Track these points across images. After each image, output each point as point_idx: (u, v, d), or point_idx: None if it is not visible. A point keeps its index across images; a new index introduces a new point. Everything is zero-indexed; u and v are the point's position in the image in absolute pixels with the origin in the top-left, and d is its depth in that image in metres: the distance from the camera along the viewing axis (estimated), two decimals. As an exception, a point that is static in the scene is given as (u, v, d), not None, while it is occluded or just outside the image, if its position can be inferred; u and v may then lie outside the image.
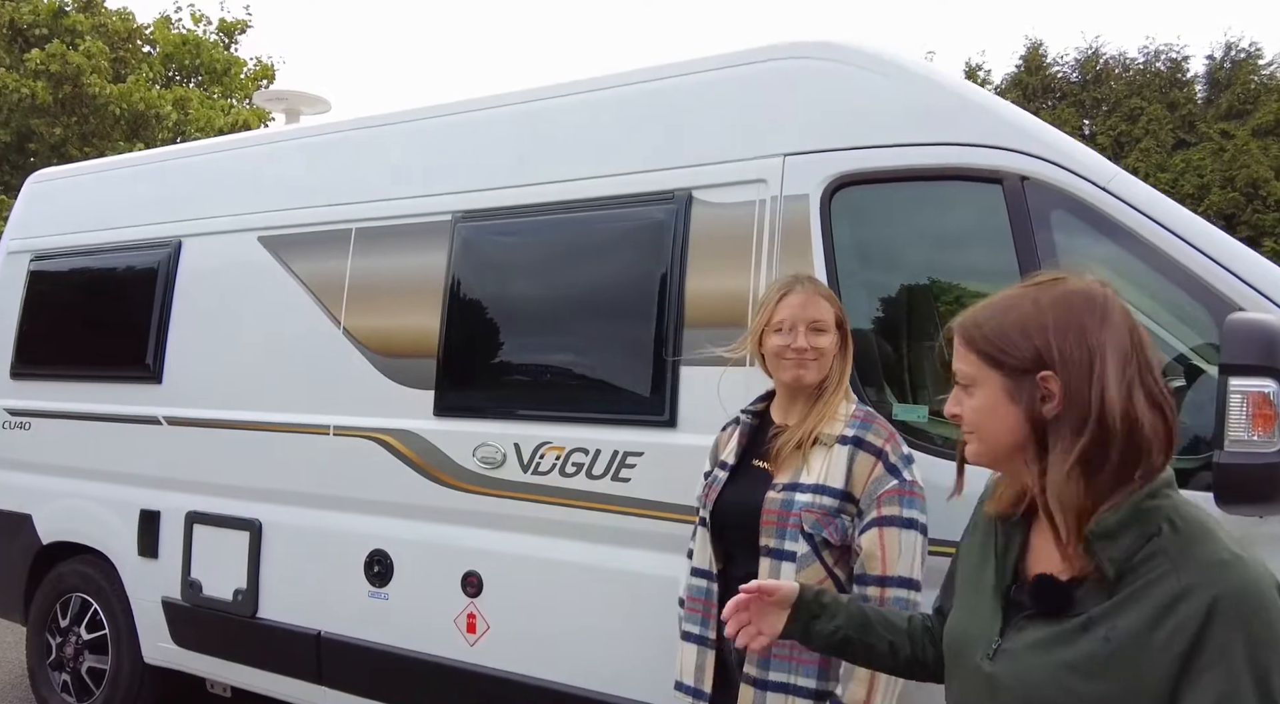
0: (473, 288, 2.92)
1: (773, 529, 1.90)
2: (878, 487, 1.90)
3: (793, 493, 1.92)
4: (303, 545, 3.16)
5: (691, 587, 2.04)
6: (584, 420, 2.66)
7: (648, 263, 2.64)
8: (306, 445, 3.15)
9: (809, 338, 1.98)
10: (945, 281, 2.47)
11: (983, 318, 1.13)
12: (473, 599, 2.80)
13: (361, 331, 3.11)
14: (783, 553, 1.88)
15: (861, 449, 1.93)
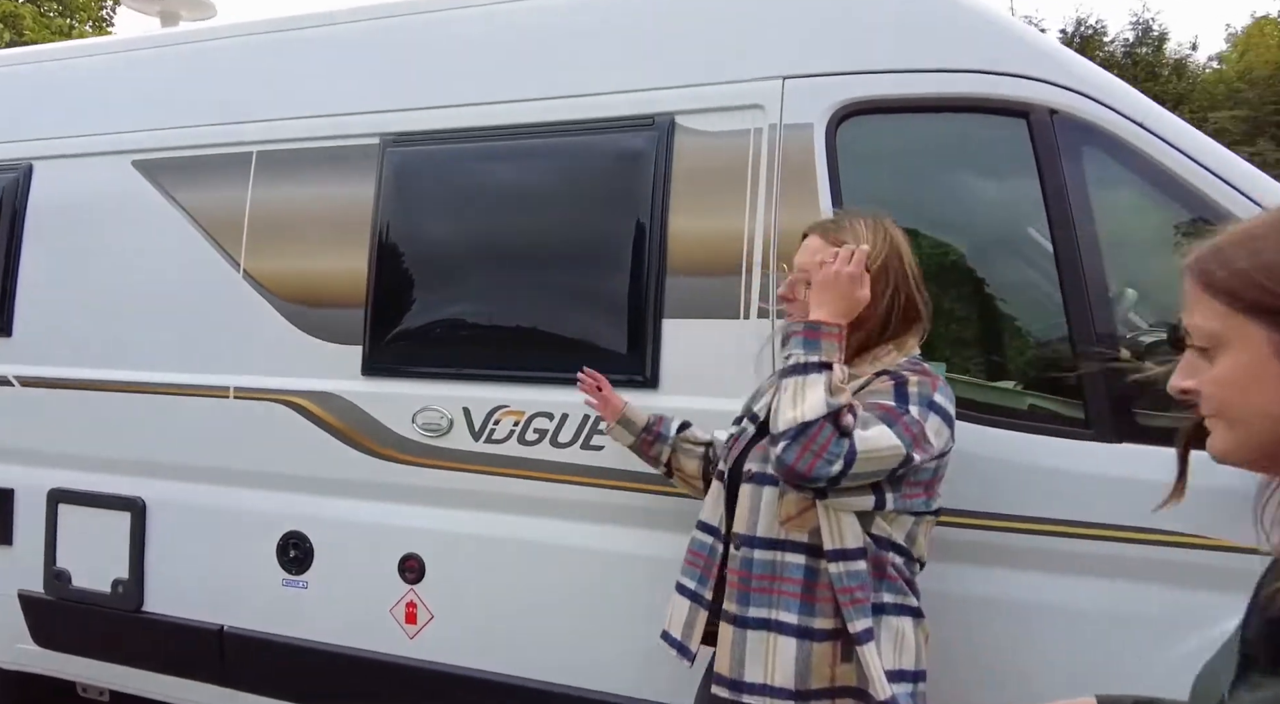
0: (409, 225, 2.48)
1: (759, 454, 1.69)
2: (875, 397, 1.59)
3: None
4: (199, 528, 2.67)
5: (695, 540, 1.84)
6: (549, 381, 2.31)
7: (624, 198, 2.29)
8: (201, 411, 2.65)
9: (797, 289, 1.75)
10: (965, 226, 2.24)
11: (1233, 252, 0.82)
12: (412, 586, 2.43)
13: (267, 276, 2.62)
14: (764, 477, 1.66)
15: (881, 376, 1.64)
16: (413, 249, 2.47)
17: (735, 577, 1.66)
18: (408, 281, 2.46)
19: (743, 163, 2.20)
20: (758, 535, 1.65)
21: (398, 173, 2.50)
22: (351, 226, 2.53)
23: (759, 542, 1.64)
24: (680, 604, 1.81)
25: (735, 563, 1.67)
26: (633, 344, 2.24)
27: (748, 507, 1.67)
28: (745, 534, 1.66)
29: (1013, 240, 2.20)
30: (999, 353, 2.37)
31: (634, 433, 2.05)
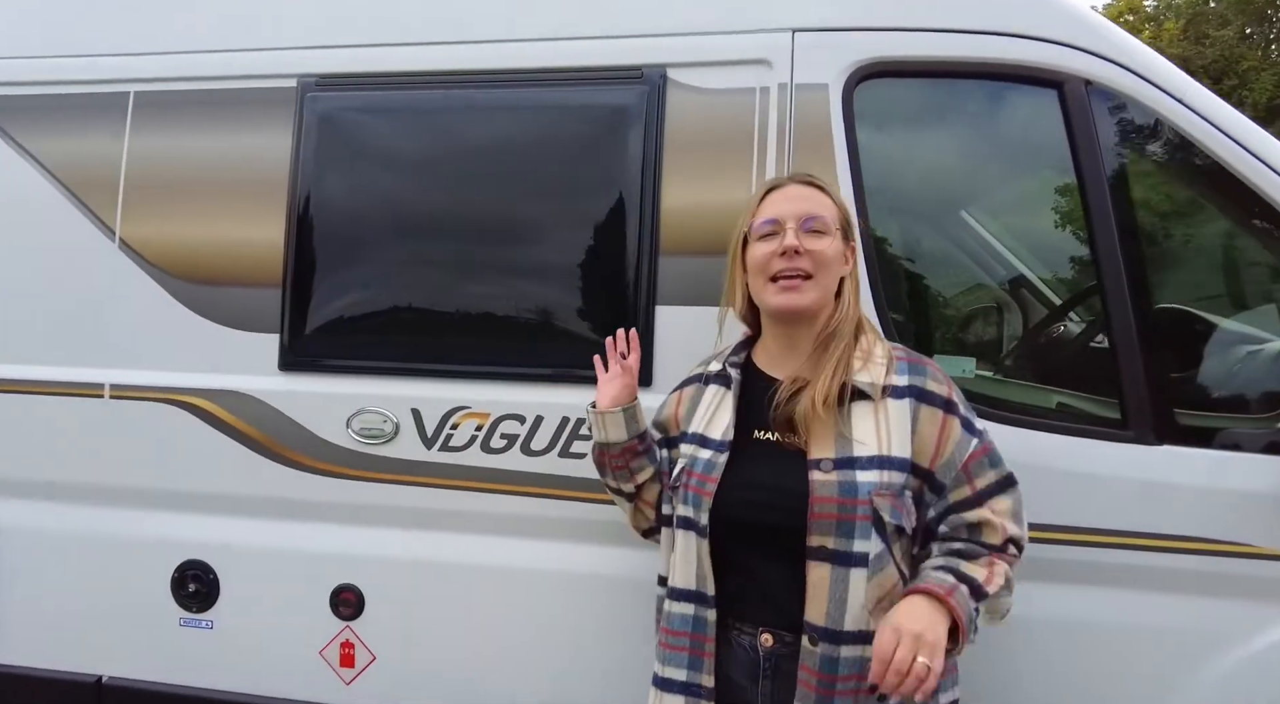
0: (338, 186, 2.04)
1: (831, 525, 1.35)
2: (960, 452, 1.40)
3: (850, 471, 1.37)
4: (68, 558, 2.15)
5: (673, 616, 1.48)
6: (519, 377, 1.96)
7: (607, 164, 1.95)
8: (66, 414, 2.13)
9: (804, 239, 1.44)
10: (991, 204, 2.04)
11: None
12: (348, 622, 2.03)
13: (151, 246, 2.12)
14: (849, 557, 1.35)
15: (925, 403, 1.42)
16: (344, 216, 2.04)
17: (814, 679, 1.35)
18: (338, 255, 2.04)
19: (747, 127, 1.92)
20: (845, 629, 1.34)
21: (321, 123, 2.05)
22: (262, 187, 2.07)
23: (847, 636, 1.34)
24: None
25: (812, 662, 1.35)
26: (619, 335, 1.92)
27: (827, 594, 1.35)
28: (828, 628, 1.34)
29: (1042, 223, 2.02)
30: (1023, 344, 2.20)
31: (631, 432, 1.61)
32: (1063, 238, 1.94)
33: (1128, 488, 1.75)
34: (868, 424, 1.40)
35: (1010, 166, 2.02)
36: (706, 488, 1.45)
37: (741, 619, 1.44)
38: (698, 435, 1.52)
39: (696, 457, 1.49)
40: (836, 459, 1.38)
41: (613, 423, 1.61)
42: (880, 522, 1.35)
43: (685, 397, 1.61)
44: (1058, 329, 2.14)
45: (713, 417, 1.52)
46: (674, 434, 1.60)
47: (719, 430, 1.49)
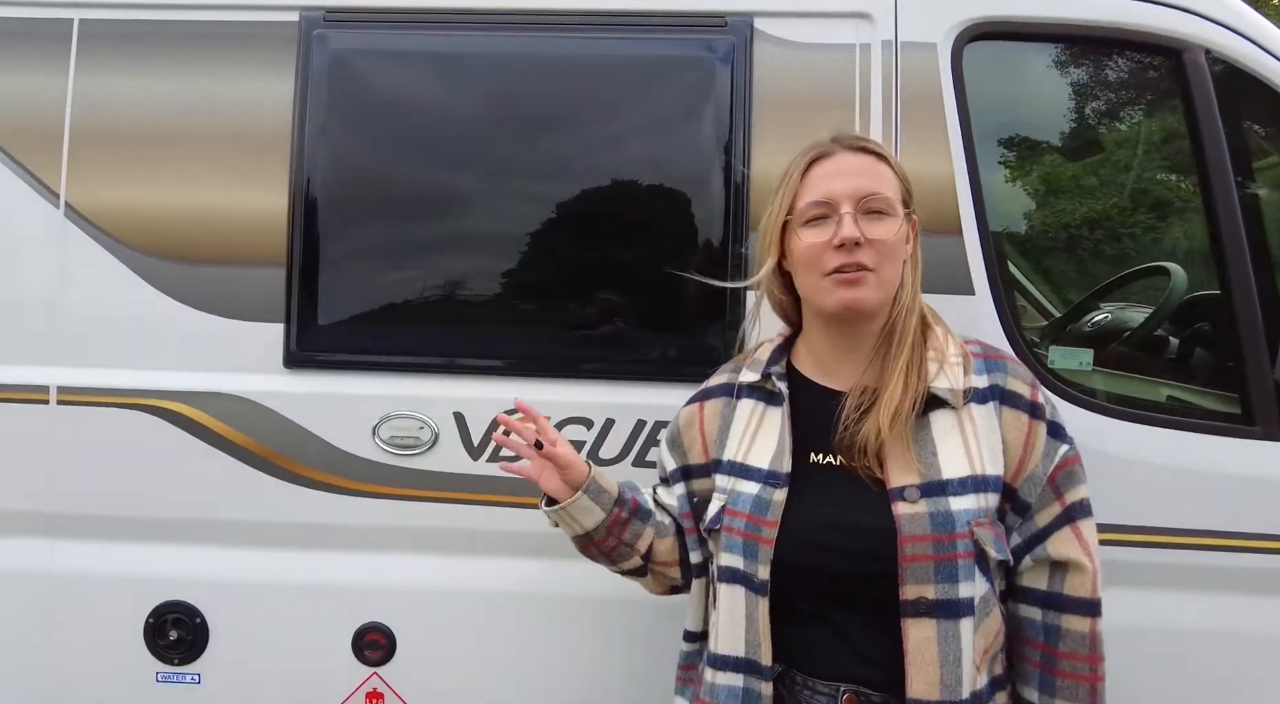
0: (357, 145, 1.68)
1: (928, 569, 1.09)
2: (1047, 461, 1.17)
3: (942, 498, 1.11)
4: (8, 602, 1.72)
5: (718, 689, 1.20)
6: (584, 374, 1.67)
7: (686, 128, 1.68)
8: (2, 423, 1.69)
9: (863, 224, 1.16)
10: (1107, 180, 1.88)
11: None
12: (376, 668, 1.70)
13: (110, 214, 1.69)
14: (956, 606, 1.09)
15: (1008, 405, 1.18)
16: (363, 179, 1.68)
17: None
18: (358, 227, 1.68)
19: (846, 88, 1.69)
20: (963, 697, 1.09)
21: (332, 67, 1.69)
22: (258, 141, 1.69)
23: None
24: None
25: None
26: (705, 325, 1.67)
27: (937, 658, 1.09)
28: (945, 701, 1.09)
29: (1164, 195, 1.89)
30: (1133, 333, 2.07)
31: (606, 505, 1.30)
32: (1179, 218, 1.80)
33: (1258, 487, 1.64)
34: (953, 438, 1.15)
35: (1124, 140, 1.88)
36: (764, 533, 1.16)
37: (813, 674, 1.17)
38: (736, 464, 1.24)
39: (738, 492, 1.21)
40: (923, 485, 1.12)
41: (581, 510, 1.29)
42: (984, 556, 1.11)
43: (711, 413, 1.31)
44: (1170, 318, 2.02)
45: (754, 440, 1.24)
46: (701, 461, 1.31)
47: (764, 457, 1.21)
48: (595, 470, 1.32)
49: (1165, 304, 2.17)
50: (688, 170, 1.67)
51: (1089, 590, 1.16)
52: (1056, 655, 1.15)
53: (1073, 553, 1.16)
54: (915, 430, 1.15)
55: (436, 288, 1.68)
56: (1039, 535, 1.17)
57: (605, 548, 1.34)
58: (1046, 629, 1.17)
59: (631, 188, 1.68)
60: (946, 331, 1.23)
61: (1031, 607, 1.18)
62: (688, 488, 1.33)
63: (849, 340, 1.22)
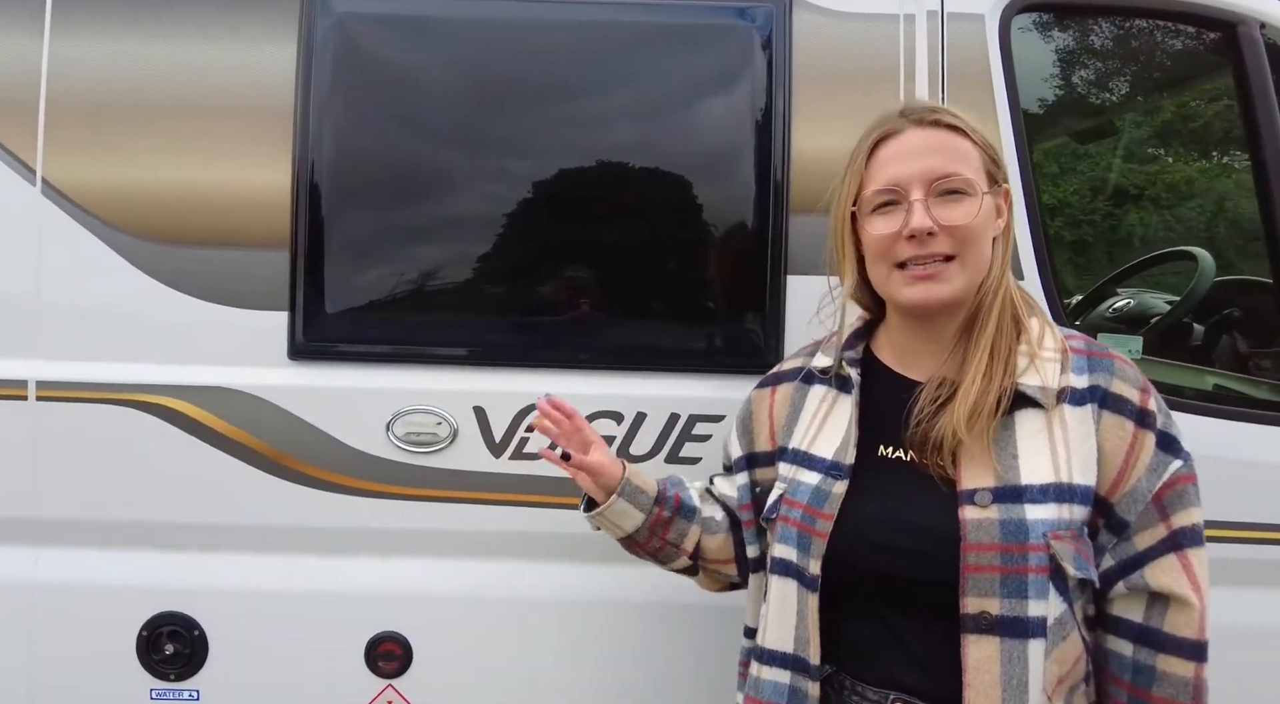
0: (368, 116, 1.55)
1: (994, 581, 0.99)
2: (1154, 476, 1.03)
3: (1017, 505, 1.01)
4: (-24, 620, 1.58)
5: (763, 684, 1.14)
6: (613, 366, 1.57)
7: (722, 101, 1.58)
8: (-32, 423, 1.54)
9: (936, 210, 1.05)
10: (1155, 155, 1.80)
11: None
12: (391, 680, 1.59)
13: (93, 192, 1.55)
14: (1024, 625, 0.99)
15: (1109, 410, 1.05)
16: (376, 155, 1.55)
17: None
18: (369, 208, 1.55)
19: (891, 60, 1.59)
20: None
21: (340, 29, 1.55)
22: (256, 113, 1.55)
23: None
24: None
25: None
26: (740, 311, 1.57)
27: (999, 681, 0.99)
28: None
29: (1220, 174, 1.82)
30: (1165, 319, 2.01)
31: (644, 506, 1.23)
32: (1233, 200, 1.74)
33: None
34: (1039, 441, 1.04)
35: (1183, 107, 1.80)
36: (818, 526, 1.08)
37: (863, 679, 1.08)
38: (800, 453, 1.15)
39: (799, 481, 1.13)
40: (997, 489, 1.02)
41: (619, 514, 1.23)
42: (1060, 573, 1.00)
43: (781, 398, 1.23)
44: (1216, 303, 1.97)
45: (821, 428, 1.15)
46: (767, 449, 1.23)
47: (830, 447, 1.12)
48: (630, 470, 1.23)
49: (1195, 289, 2.12)
50: (724, 146, 1.57)
51: (1195, 631, 1.01)
52: (1149, 699, 1.02)
53: (1176, 586, 1.01)
54: (998, 430, 1.04)
55: (454, 272, 1.56)
56: (1137, 560, 1.03)
57: (650, 549, 1.26)
58: (1136, 668, 1.03)
59: (665, 165, 1.57)
60: (1044, 323, 1.11)
61: (1121, 640, 1.04)
62: (750, 477, 1.25)
63: (930, 331, 1.12)
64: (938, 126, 1.10)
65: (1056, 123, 1.92)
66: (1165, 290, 2.53)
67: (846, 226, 1.13)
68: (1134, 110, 1.78)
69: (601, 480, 1.21)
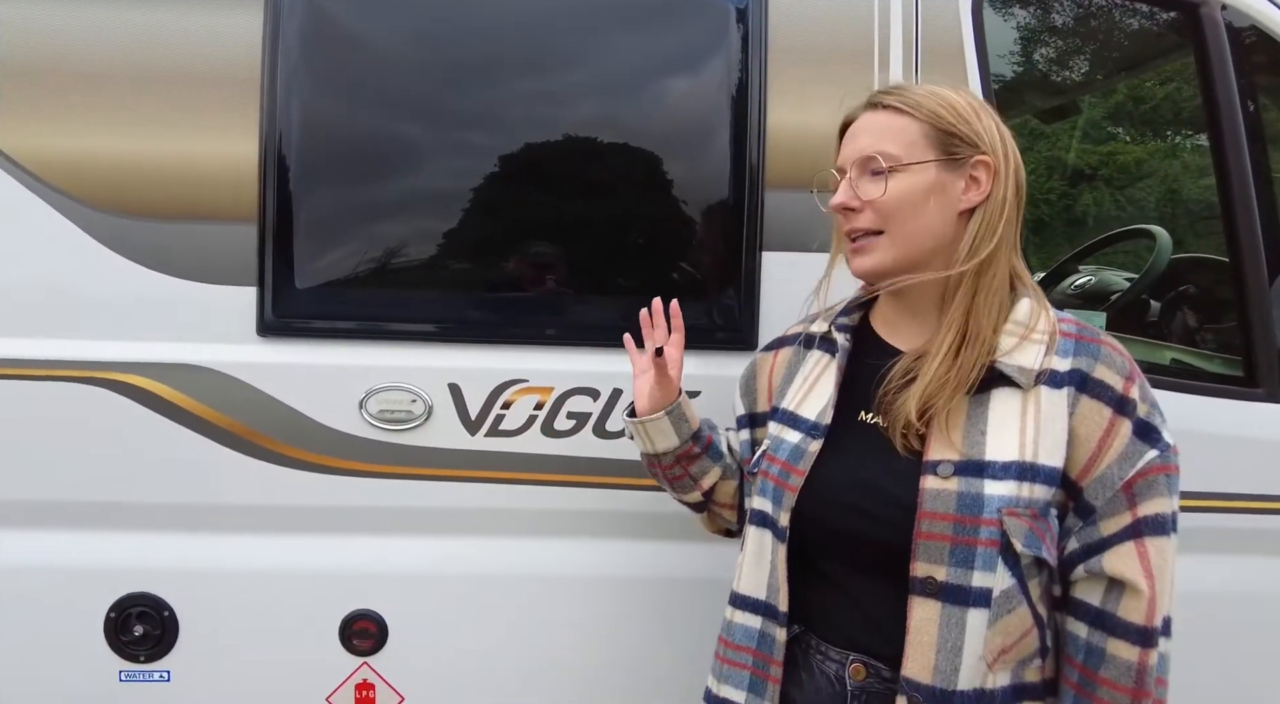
0: (338, 81, 1.51)
1: (942, 549, 1.02)
2: (1126, 464, 1.03)
3: (977, 479, 1.03)
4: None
5: (734, 627, 1.20)
6: (590, 342, 1.56)
7: (699, 75, 1.57)
8: (-78, 402, 1.49)
9: (861, 185, 1.10)
10: (1113, 135, 1.84)
11: None
12: (366, 658, 1.58)
13: (49, 161, 1.49)
14: (965, 593, 1.02)
15: (1087, 394, 1.05)
16: (346, 122, 1.51)
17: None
18: (340, 179, 1.52)
19: (866, 39, 1.60)
20: (957, 689, 1.02)
21: None
22: (221, 81, 1.50)
23: (959, 699, 1.02)
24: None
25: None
26: (718, 287, 1.58)
27: (935, 642, 1.02)
28: (934, 687, 1.02)
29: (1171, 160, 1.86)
30: (1132, 294, 2.06)
31: (683, 435, 1.30)
32: (1187, 177, 1.78)
33: (1260, 448, 1.65)
34: (1010, 419, 1.05)
35: (1125, 99, 1.84)
36: (790, 480, 1.12)
37: (827, 640, 1.13)
38: (787, 413, 1.20)
39: (782, 439, 1.17)
40: (960, 462, 1.04)
41: (658, 431, 1.29)
42: (1010, 549, 1.01)
43: (781, 361, 1.27)
44: (1173, 279, 2.02)
45: (810, 391, 1.19)
46: (764, 409, 1.28)
47: (814, 409, 1.16)
48: (684, 399, 1.31)
49: (1154, 266, 2.18)
50: (700, 122, 1.56)
51: (1143, 616, 1.01)
52: (1096, 681, 1.03)
53: (1129, 572, 1.01)
54: (972, 406, 1.06)
55: (428, 247, 1.54)
56: (1098, 545, 1.04)
57: (670, 474, 1.33)
58: (1089, 649, 1.04)
59: (640, 141, 1.55)
60: (1040, 304, 1.11)
61: (1079, 622, 1.05)
62: (751, 435, 1.30)
63: (902, 301, 1.16)
64: (879, 108, 1.13)
65: (1022, 102, 1.95)
66: (1123, 268, 2.59)
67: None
68: (1098, 91, 1.81)
69: (662, 391, 1.29)
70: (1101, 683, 1.02)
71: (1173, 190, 7.60)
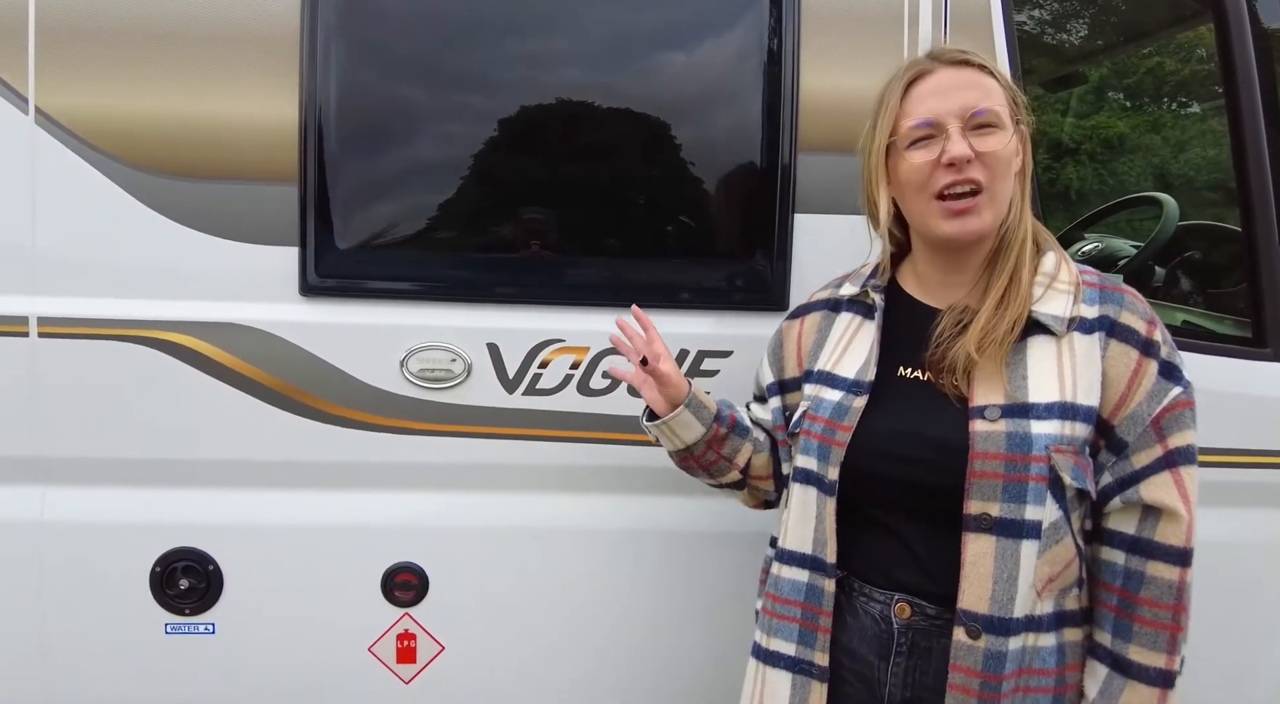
0: (377, 42, 1.53)
1: (996, 487, 1.08)
2: (1154, 401, 1.10)
3: (1024, 420, 1.09)
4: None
5: (782, 582, 1.24)
6: (624, 303, 1.58)
7: (734, 38, 1.59)
8: (-33, 360, 1.51)
9: (973, 139, 1.12)
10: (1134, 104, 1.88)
11: None
12: (407, 609, 1.63)
13: (91, 122, 1.50)
14: (1019, 526, 1.08)
15: (1116, 338, 1.12)
16: (384, 86, 1.53)
17: (975, 682, 1.09)
18: (379, 142, 1.54)
19: (896, 3, 1.62)
20: (1014, 616, 1.08)
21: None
22: (263, 39, 1.51)
23: (1016, 625, 1.09)
24: (777, 681, 1.22)
25: (971, 660, 1.09)
26: (749, 249, 1.61)
27: (991, 574, 1.08)
28: (993, 616, 1.08)
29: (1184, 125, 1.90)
30: (1144, 257, 2.11)
31: (706, 421, 1.32)
32: (1203, 146, 1.83)
33: (1269, 407, 1.72)
34: (1048, 364, 1.12)
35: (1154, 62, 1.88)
36: (838, 437, 1.17)
37: (870, 582, 1.19)
38: (824, 374, 1.25)
39: (821, 399, 1.22)
40: (1006, 406, 1.10)
41: (682, 424, 1.31)
42: (1059, 483, 1.08)
43: (809, 326, 1.32)
44: (1186, 243, 2.07)
45: (846, 351, 1.24)
46: (795, 375, 1.31)
47: (853, 368, 1.21)
48: (696, 387, 1.33)
49: (1161, 232, 2.23)
50: (735, 85, 1.59)
51: (1182, 539, 1.09)
52: (1136, 601, 1.10)
53: (1168, 499, 1.09)
54: (1011, 354, 1.13)
55: (468, 209, 1.56)
56: (1133, 477, 1.11)
57: (705, 462, 1.34)
58: (1128, 574, 1.11)
59: (678, 105, 1.58)
60: (1061, 257, 1.19)
61: (1115, 551, 1.12)
62: (782, 401, 1.34)
63: (956, 262, 1.20)
64: (968, 66, 1.16)
65: (1037, 71, 1.98)
66: (1127, 236, 2.65)
67: (881, 161, 1.18)
68: (1111, 61, 1.85)
69: (668, 391, 1.29)
70: (1143, 603, 1.09)
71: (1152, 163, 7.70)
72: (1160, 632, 1.09)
